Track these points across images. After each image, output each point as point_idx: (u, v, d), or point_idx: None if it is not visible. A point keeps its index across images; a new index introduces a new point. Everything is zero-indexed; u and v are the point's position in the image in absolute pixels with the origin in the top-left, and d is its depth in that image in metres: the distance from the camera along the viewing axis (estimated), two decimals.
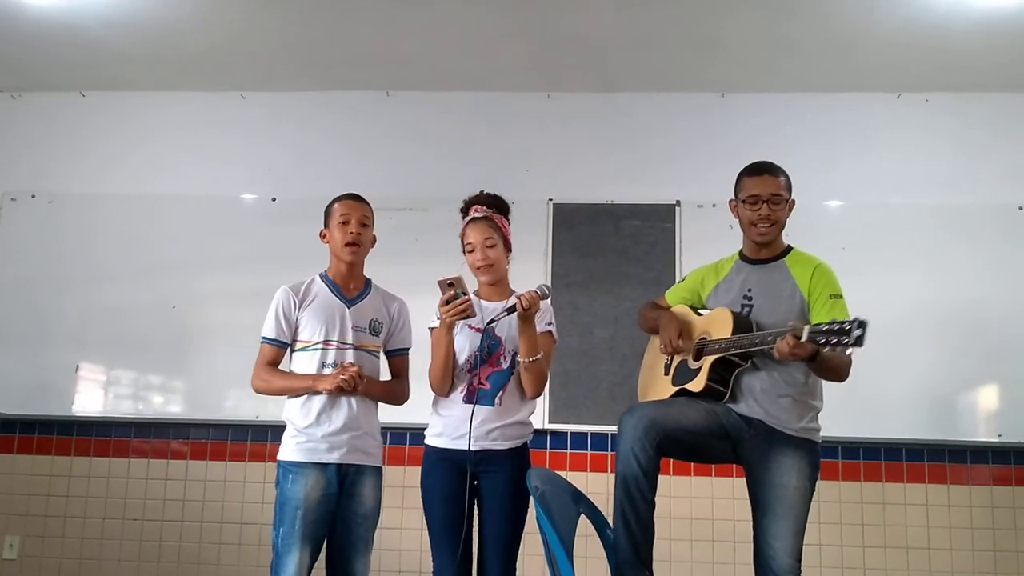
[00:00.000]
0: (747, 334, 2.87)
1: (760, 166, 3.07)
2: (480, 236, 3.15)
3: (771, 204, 2.99)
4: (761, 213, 3.00)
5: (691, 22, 4.37)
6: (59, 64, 5.00)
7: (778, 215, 3.01)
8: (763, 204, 2.99)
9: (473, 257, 3.17)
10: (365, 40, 4.65)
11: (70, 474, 4.95)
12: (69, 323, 5.02)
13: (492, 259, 3.15)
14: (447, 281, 2.98)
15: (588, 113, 5.17)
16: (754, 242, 3.08)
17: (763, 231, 3.01)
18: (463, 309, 2.97)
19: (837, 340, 2.55)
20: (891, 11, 4.17)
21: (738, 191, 3.09)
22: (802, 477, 2.86)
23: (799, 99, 5.07)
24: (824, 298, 2.91)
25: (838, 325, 2.56)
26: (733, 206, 3.12)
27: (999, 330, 4.66)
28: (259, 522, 4.78)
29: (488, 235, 3.15)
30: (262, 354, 3.19)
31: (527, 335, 3.02)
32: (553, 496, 2.88)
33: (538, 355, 3.04)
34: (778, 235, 3.06)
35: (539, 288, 3.01)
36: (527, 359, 3.03)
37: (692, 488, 4.66)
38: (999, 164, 4.92)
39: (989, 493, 4.64)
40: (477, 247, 3.15)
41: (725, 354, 2.90)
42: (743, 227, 3.10)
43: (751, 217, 3.02)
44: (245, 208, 5.17)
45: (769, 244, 3.06)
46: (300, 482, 3.04)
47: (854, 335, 2.51)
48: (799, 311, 2.94)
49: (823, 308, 2.89)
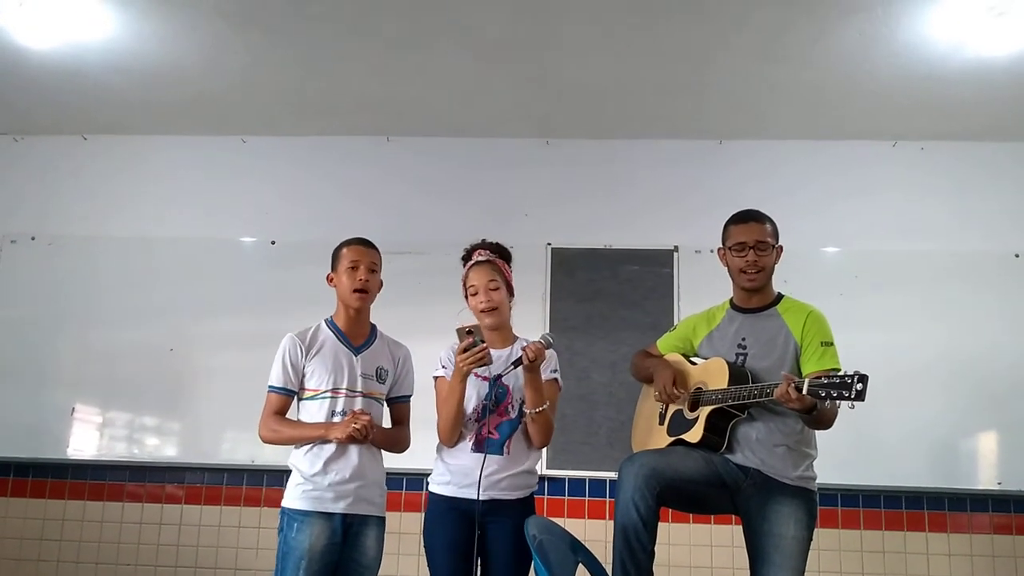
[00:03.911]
0: (744, 386, 2.87)
1: (745, 214, 3.10)
2: (484, 279, 3.15)
3: (757, 251, 3.02)
4: (748, 259, 3.02)
5: (688, 70, 4.42)
6: (61, 108, 5.03)
7: (765, 261, 3.03)
8: (750, 251, 3.02)
9: (476, 300, 3.15)
10: (365, 86, 4.69)
11: (64, 518, 4.89)
12: (66, 365, 5.01)
13: (496, 302, 3.14)
14: (466, 329, 2.96)
15: (586, 159, 5.20)
16: (744, 289, 3.09)
17: (751, 277, 3.04)
18: (481, 357, 2.94)
19: (838, 394, 2.55)
20: (886, 60, 4.21)
21: (725, 239, 3.13)
22: (800, 527, 2.84)
23: (796, 146, 5.11)
24: (815, 345, 2.92)
25: (838, 379, 2.55)
26: (721, 254, 3.15)
27: (997, 377, 4.65)
28: (254, 568, 4.73)
29: (492, 277, 3.15)
30: (269, 403, 3.15)
31: (533, 386, 3.01)
32: (551, 545, 2.84)
33: (544, 405, 3.03)
34: (766, 281, 3.07)
35: (543, 338, 3.00)
36: (534, 410, 3.02)
37: (691, 536, 4.62)
38: (995, 212, 4.95)
39: (990, 542, 4.60)
40: (480, 290, 3.14)
41: (722, 405, 2.89)
42: (732, 275, 3.12)
43: (739, 264, 3.05)
44: (244, 251, 5.18)
45: (759, 291, 3.08)
46: (305, 531, 2.99)
47: (855, 389, 2.51)
48: (793, 358, 2.94)
49: (813, 356, 2.90)
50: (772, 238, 3.06)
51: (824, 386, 2.58)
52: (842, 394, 2.53)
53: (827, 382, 2.58)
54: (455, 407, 3.03)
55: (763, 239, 3.03)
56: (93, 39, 4.25)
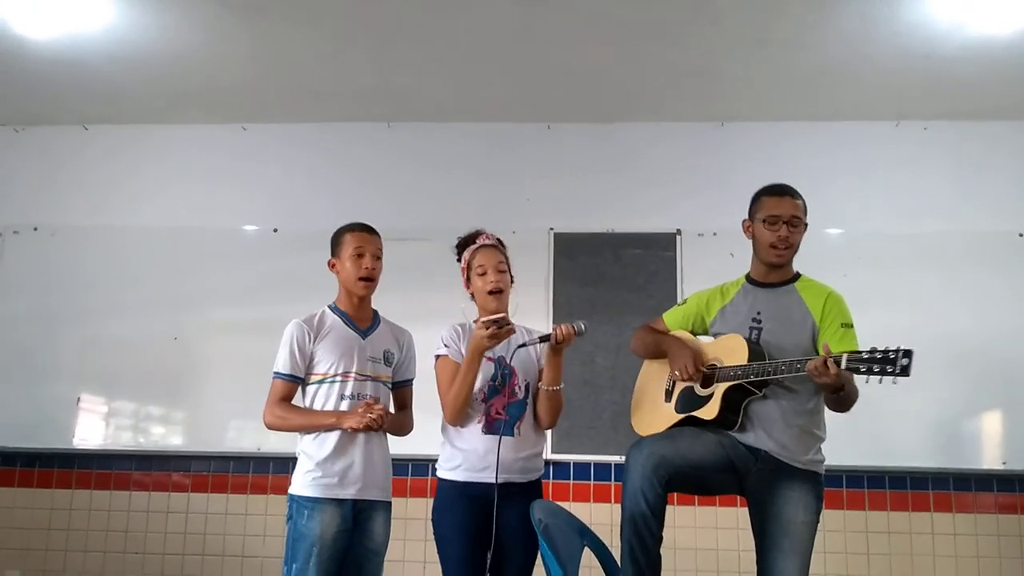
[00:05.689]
0: (764, 362, 2.82)
1: (781, 188, 3.03)
2: (493, 260, 3.14)
3: (790, 226, 2.96)
4: (780, 234, 2.96)
5: (689, 53, 4.39)
6: (61, 98, 5.03)
7: (796, 238, 2.98)
8: (783, 225, 2.96)
9: (485, 280, 3.12)
10: (366, 72, 4.67)
11: (71, 507, 4.92)
12: (71, 355, 5.02)
13: (504, 284, 3.13)
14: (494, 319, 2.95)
15: (588, 143, 5.19)
16: (768, 264, 3.02)
17: (780, 253, 2.98)
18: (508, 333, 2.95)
19: (881, 369, 2.51)
20: (888, 40, 4.19)
21: (755, 211, 3.04)
22: (808, 511, 2.82)
23: (798, 128, 5.09)
24: (835, 326, 2.88)
25: (881, 353, 2.52)
26: (747, 226, 3.07)
27: (1002, 357, 4.65)
28: (261, 555, 4.75)
29: (500, 259, 3.15)
30: (275, 390, 3.12)
31: (554, 365, 3.02)
32: (557, 529, 2.84)
33: (561, 384, 3.05)
34: (791, 258, 3.02)
35: (577, 325, 2.94)
36: (551, 387, 3.04)
37: (696, 518, 4.63)
38: (999, 191, 4.94)
39: (995, 521, 4.61)
40: (490, 270, 3.12)
41: (742, 381, 2.84)
42: (758, 248, 3.04)
43: (770, 238, 2.97)
44: (247, 239, 5.18)
45: (781, 267, 3.03)
46: (316, 518, 2.99)
47: (900, 364, 2.47)
48: (810, 338, 2.91)
49: (833, 336, 2.85)
50: (804, 215, 3.00)
51: (865, 360, 2.54)
52: (886, 369, 2.49)
53: (868, 356, 2.53)
54: (470, 384, 3.00)
55: (797, 214, 2.97)
56: (92, 29, 4.24)
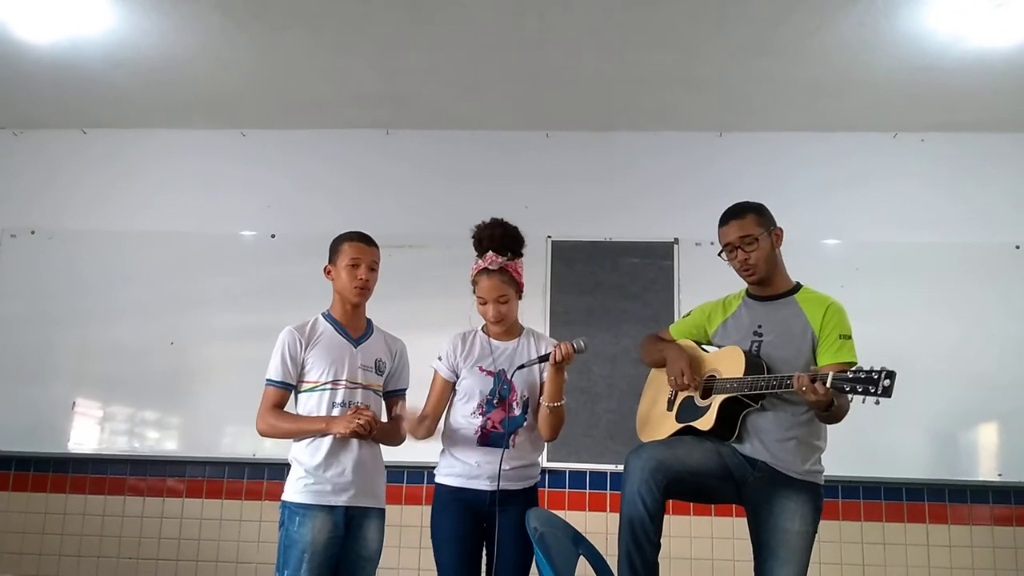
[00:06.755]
0: (760, 376, 2.83)
1: (725, 214, 3.07)
2: (493, 293, 3.12)
3: (744, 248, 2.99)
4: (739, 259, 3.01)
5: (688, 63, 4.40)
6: (60, 102, 5.03)
7: (757, 254, 2.99)
8: (737, 250, 3.01)
9: (484, 310, 3.15)
10: (365, 79, 4.68)
11: (65, 512, 4.91)
12: (67, 359, 5.01)
13: (503, 315, 3.14)
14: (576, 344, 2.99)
15: (586, 151, 5.19)
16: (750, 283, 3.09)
17: (749, 274, 3.03)
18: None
19: (863, 389, 2.52)
20: (886, 51, 4.20)
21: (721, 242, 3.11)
22: (806, 522, 2.83)
23: (796, 138, 5.10)
24: (833, 337, 2.88)
25: (864, 373, 2.53)
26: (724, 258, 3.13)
27: (998, 369, 4.65)
28: (255, 561, 4.74)
29: (502, 292, 3.12)
30: (267, 397, 3.14)
31: (556, 381, 3.03)
32: (552, 538, 2.84)
33: (563, 400, 3.06)
34: (767, 270, 3.02)
35: (576, 343, 2.97)
36: (553, 403, 3.05)
37: (692, 528, 4.63)
38: (996, 203, 4.95)
39: (990, 533, 4.61)
40: (490, 303, 3.13)
41: (737, 394, 2.86)
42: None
43: (734, 265, 3.05)
44: (245, 244, 5.17)
45: (768, 280, 3.04)
46: (307, 524, 3.00)
47: (881, 385, 2.48)
48: (811, 349, 2.91)
49: (831, 348, 2.86)
50: (757, 228, 3.00)
51: (849, 380, 2.55)
52: (868, 389, 2.51)
53: (852, 376, 2.55)
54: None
55: (745, 234, 2.99)
56: (92, 33, 4.24)
